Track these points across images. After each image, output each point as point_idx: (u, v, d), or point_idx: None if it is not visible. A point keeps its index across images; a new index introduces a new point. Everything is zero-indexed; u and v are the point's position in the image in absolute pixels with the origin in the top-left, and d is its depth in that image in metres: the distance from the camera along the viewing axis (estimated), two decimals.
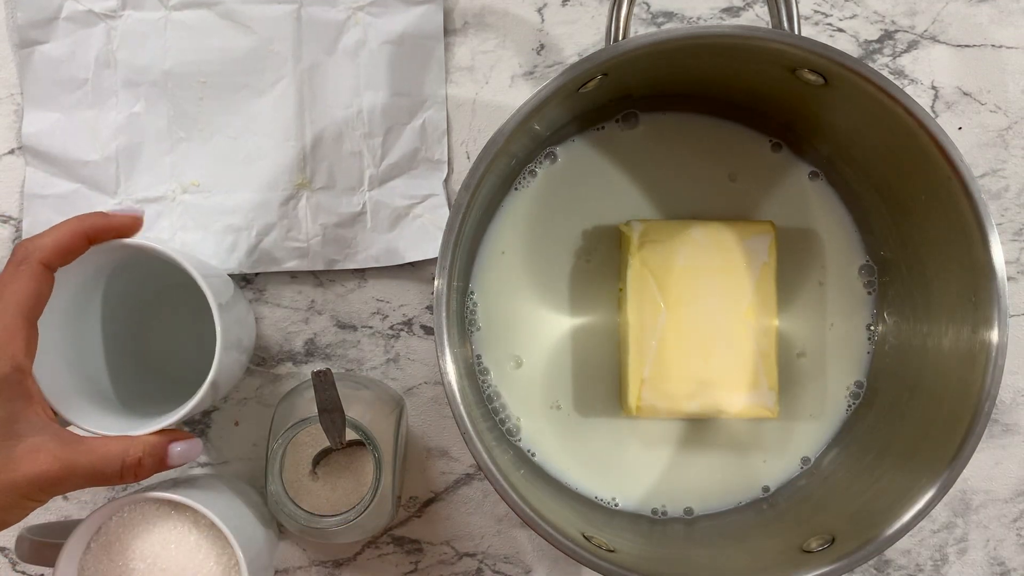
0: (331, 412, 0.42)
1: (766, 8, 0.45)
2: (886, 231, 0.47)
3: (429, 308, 0.52)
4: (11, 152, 0.52)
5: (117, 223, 0.40)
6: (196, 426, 0.52)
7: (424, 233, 0.52)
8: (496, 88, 0.53)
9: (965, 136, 0.53)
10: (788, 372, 0.49)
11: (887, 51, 0.53)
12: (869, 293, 0.49)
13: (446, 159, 0.52)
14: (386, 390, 0.50)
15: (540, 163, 0.50)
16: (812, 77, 0.41)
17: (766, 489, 0.49)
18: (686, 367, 0.46)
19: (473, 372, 0.48)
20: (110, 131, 0.51)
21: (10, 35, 0.52)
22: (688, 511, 0.48)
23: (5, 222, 0.52)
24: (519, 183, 0.50)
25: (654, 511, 0.48)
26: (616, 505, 0.48)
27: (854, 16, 0.53)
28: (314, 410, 0.42)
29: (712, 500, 0.49)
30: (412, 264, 0.52)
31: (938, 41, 0.54)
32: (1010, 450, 0.53)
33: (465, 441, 0.39)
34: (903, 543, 0.52)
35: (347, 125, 0.51)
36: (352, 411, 0.43)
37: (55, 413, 0.39)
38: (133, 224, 0.41)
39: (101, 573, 0.42)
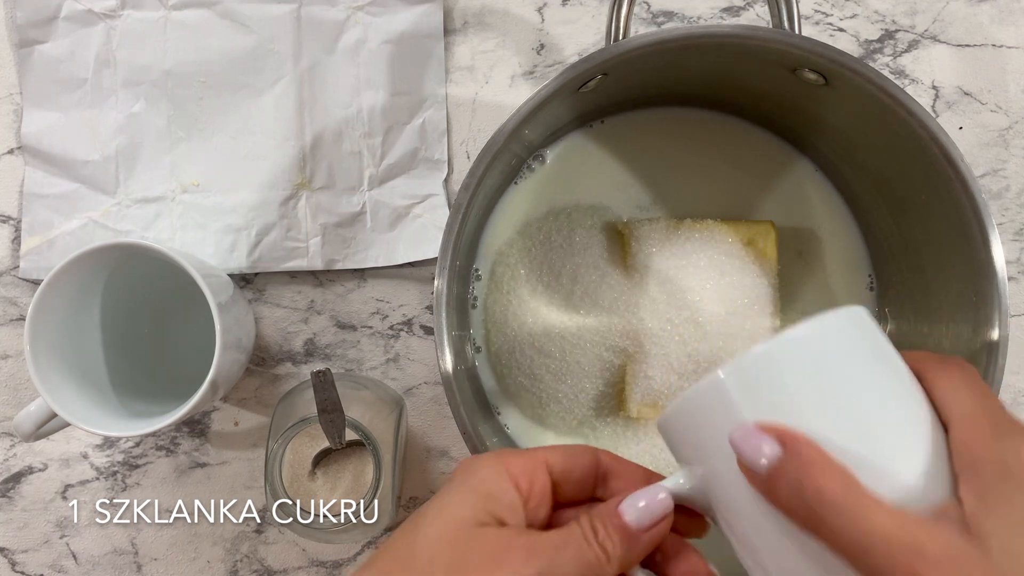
0: (331, 412, 0.42)
1: (766, 8, 0.45)
2: (886, 231, 0.47)
3: (429, 308, 0.52)
4: (11, 152, 0.52)
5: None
6: (196, 426, 0.52)
7: (424, 233, 0.52)
8: (496, 88, 0.53)
9: (965, 136, 0.53)
10: None
11: (888, 51, 0.53)
12: (869, 293, 0.49)
13: (446, 159, 0.52)
14: (386, 390, 0.50)
15: (540, 162, 0.50)
16: (812, 77, 0.41)
17: None
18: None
19: (473, 372, 0.48)
20: (110, 131, 0.51)
21: (10, 35, 0.52)
22: None
23: (5, 222, 0.52)
24: (519, 181, 0.49)
25: None
26: None
27: (854, 16, 0.53)
28: (314, 410, 0.42)
29: None
30: (412, 264, 0.52)
31: (939, 41, 0.53)
32: None
33: (465, 441, 0.39)
34: None
35: (347, 125, 0.51)
36: (352, 411, 0.43)
37: (53, 413, 0.39)
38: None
39: None
